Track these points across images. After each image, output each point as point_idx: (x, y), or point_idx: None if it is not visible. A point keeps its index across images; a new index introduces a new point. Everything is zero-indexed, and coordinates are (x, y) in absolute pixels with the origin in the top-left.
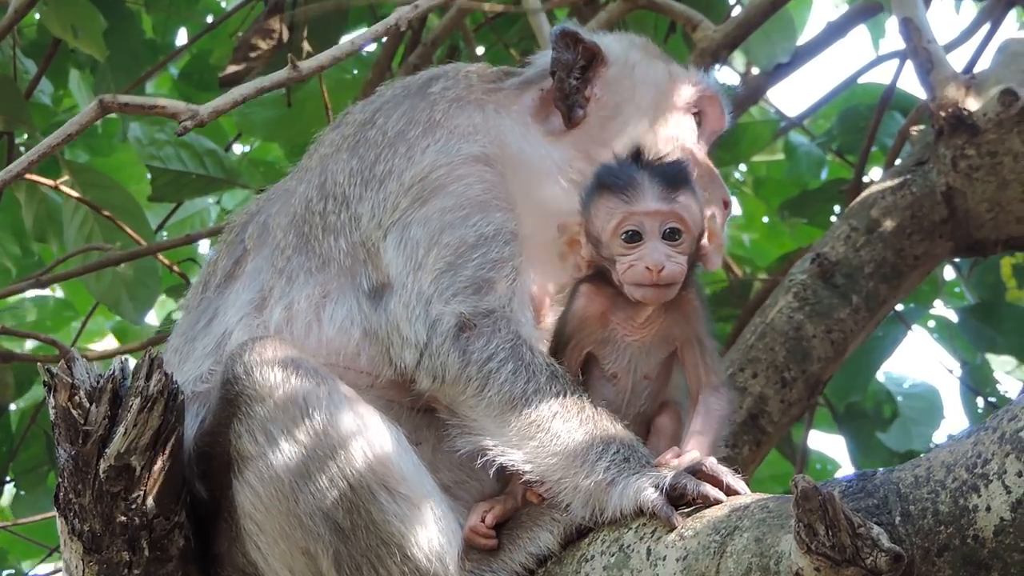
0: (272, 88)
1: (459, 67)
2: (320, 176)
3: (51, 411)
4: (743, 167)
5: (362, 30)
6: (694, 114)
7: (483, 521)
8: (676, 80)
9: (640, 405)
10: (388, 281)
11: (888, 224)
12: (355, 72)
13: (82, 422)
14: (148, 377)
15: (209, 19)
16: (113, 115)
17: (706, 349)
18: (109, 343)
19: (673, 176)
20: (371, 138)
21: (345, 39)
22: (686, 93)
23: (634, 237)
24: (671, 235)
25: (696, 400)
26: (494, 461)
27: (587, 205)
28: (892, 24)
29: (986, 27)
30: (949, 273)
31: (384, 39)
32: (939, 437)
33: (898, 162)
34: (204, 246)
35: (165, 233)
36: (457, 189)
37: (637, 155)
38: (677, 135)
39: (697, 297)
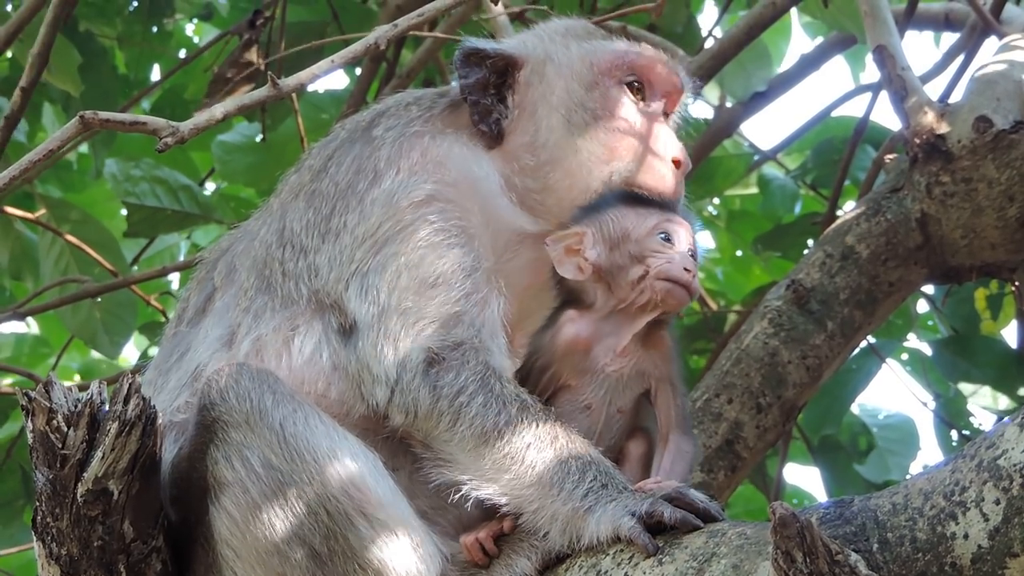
0: (253, 105)
1: (401, 100)
2: (279, 221)
3: (29, 435)
4: (716, 200)
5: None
6: (631, 83)
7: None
8: (593, 56)
9: (611, 438)
10: (355, 324)
11: (863, 251)
12: (332, 112)
13: (60, 446)
14: (126, 401)
15: (182, 54)
16: (85, 150)
17: (678, 392)
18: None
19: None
20: (324, 189)
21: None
22: (606, 65)
23: (669, 239)
24: (693, 257)
25: (666, 440)
26: (470, 495)
27: (606, 209)
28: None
29: (960, 59)
30: (922, 306)
31: (358, 71)
32: (916, 467)
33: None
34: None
35: (136, 268)
36: (405, 236)
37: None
38: (603, 109)
39: (672, 340)
